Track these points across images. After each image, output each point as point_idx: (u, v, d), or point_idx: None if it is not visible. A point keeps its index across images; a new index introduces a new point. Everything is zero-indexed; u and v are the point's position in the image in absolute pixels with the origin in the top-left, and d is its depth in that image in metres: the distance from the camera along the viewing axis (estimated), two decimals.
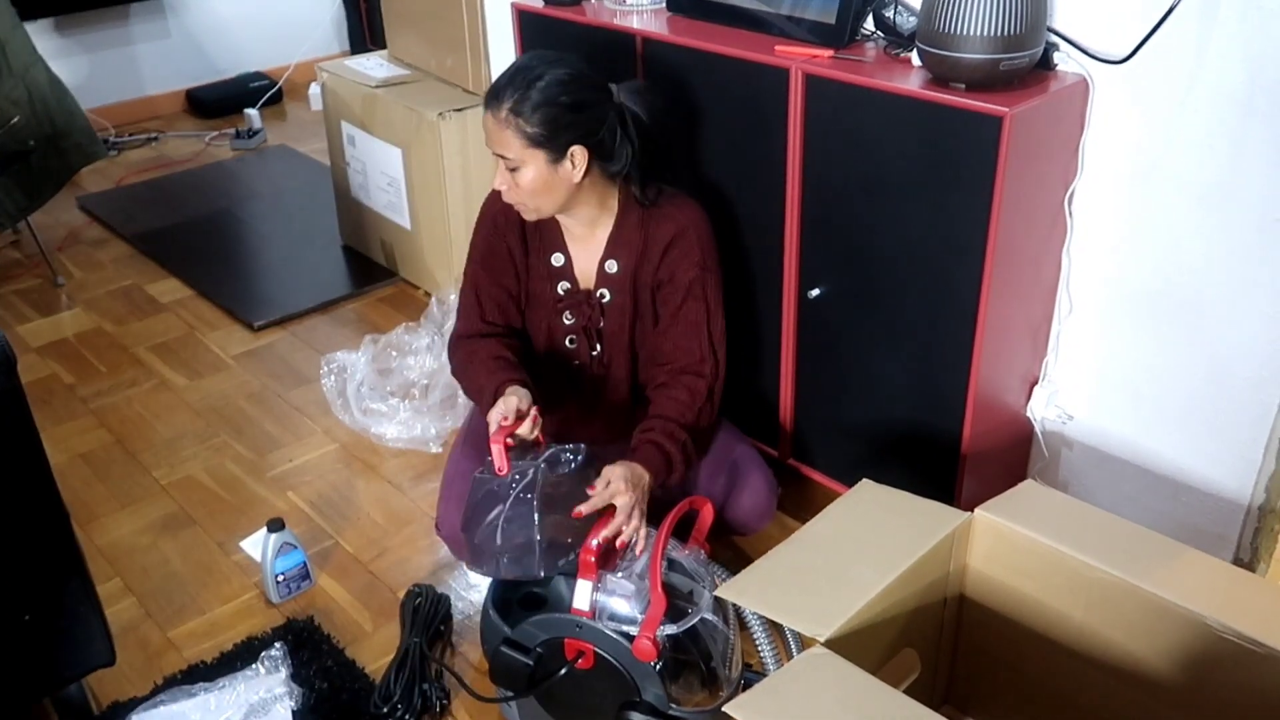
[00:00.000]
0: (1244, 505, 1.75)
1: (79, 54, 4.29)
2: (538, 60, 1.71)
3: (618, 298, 1.86)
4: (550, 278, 1.87)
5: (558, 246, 1.86)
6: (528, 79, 1.67)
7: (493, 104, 1.69)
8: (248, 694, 1.67)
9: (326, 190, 3.43)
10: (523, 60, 1.73)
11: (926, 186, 1.68)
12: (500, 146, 1.70)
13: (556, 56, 1.72)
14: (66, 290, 3.18)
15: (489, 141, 1.72)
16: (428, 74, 3.00)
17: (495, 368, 1.79)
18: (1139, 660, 1.41)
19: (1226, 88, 1.54)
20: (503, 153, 1.70)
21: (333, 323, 2.98)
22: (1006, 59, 1.56)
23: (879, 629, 1.38)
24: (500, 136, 1.69)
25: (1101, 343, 1.84)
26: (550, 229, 1.86)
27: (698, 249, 1.82)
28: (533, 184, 1.72)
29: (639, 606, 1.51)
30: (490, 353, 1.82)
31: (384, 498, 2.28)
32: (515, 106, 1.67)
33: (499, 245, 1.88)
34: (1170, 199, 1.66)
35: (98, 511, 2.24)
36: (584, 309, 1.87)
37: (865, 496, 1.57)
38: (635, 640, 1.48)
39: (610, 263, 1.84)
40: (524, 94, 1.67)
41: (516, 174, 1.71)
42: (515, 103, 1.67)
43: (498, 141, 1.70)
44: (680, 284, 1.83)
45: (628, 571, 1.54)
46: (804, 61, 1.77)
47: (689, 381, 1.81)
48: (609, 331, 1.88)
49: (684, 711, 1.54)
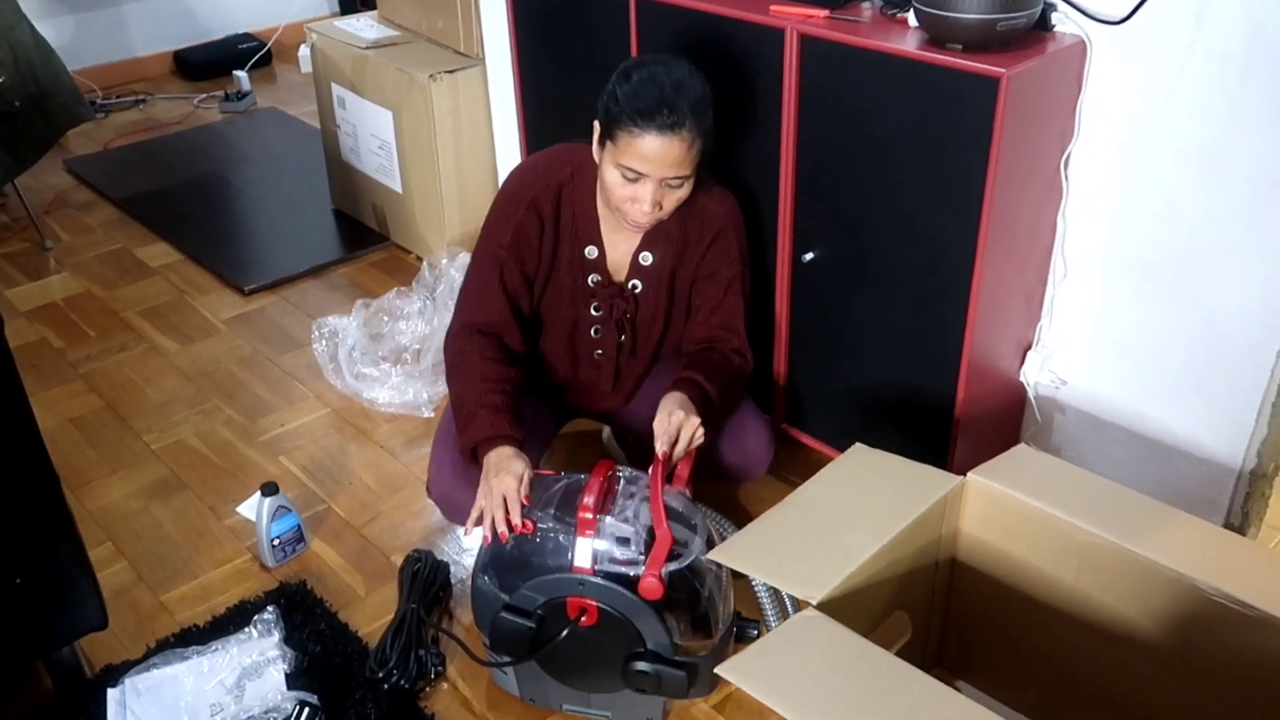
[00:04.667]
0: (1235, 470, 1.76)
1: (64, 14, 4.23)
2: (676, 70, 1.63)
3: (650, 290, 1.85)
4: (581, 270, 1.83)
5: (593, 239, 1.81)
6: (693, 96, 1.61)
7: (673, 129, 1.58)
8: (241, 657, 1.68)
9: (317, 153, 3.40)
10: (660, 71, 1.62)
11: (923, 149, 1.67)
12: (682, 169, 1.63)
13: (677, 59, 1.66)
14: (54, 254, 3.16)
15: (665, 165, 1.61)
16: (418, 35, 2.97)
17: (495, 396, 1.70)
18: (1130, 623, 1.42)
19: (1225, 50, 1.53)
20: (682, 174, 1.64)
21: (324, 287, 2.96)
22: (1004, 19, 1.54)
23: (871, 592, 1.39)
24: (685, 159, 1.62)
25: (1096, 307, 1.83)
26: (587, 220, 1.80)
27: (737, 246, 1.82)
28: (680, 201, 1.68)
29: (638, 547, 1.51)
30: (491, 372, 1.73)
31: (376, 462, 2.27)
32: (699, 128, 1.61)
33: (531, 230, 1.79)
34: (1167, 162, 1.65)
35: (89, 476, 2.23)
36: (617, 301, 1.84)
37: (858, 460, 1.57)
38: (641, 579, 1.48)
39: (645, 255, 1.82)
40: (703, 114, 1.61)
41: (676, 190, 1.66)
42: (699, 123, 1.61)
43: (681, 165, 1.62)
44: (722, 280, 1.83)
45: (621, 514, 1.54)
46: (799, 22, 1.75)
47: (726, 356, 1.83)
48: (640, 322, 1.88)
49: (687, 656, 1.55)
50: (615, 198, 1.68)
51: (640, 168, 1.62)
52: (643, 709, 1.64)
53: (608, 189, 1.68)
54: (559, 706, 1.68)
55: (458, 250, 2.65)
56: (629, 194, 1.66)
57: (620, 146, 1.62)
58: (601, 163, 1.69)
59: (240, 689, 1.64)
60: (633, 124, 1.59)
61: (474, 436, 1.68)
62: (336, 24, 3.11)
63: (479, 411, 1.69)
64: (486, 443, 1.66)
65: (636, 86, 1.61)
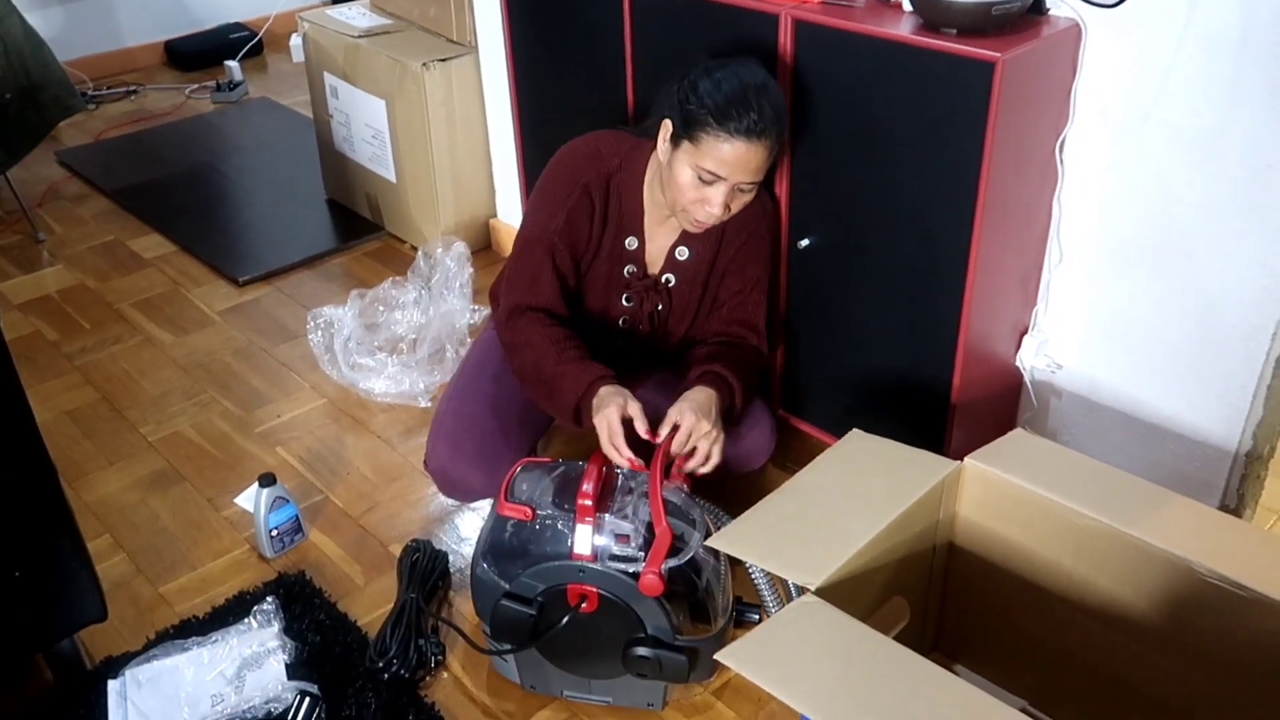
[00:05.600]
0: (1231, 452, 1.76)
1: (54, 4, 4.20)
2: (758, 72, 1.63)
3: (684, 285, 1.85)
4: (619, 260, 1.83)
5: (635, 230, 1.81)
6: (778, 103, 1.61)
7: (760, 135, 1.59)
8: (240, 647, 1.68)
9: (310, 143, 3.38)
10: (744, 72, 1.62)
11: (918, 134, 1.66)
12: (759, 175, 1.64)
13: (752, 60, 1.66)
14: (47, 246, 3.15)
15: (745, 171, 1.62)
16: (411, 24, 2.96)
17: (571, 351, 1.72)
18: (1126, 605, 1.42)
19: (1220, 33, 1.53)
20: (758, 180, 1.65)
21: (318, 277, 2.96)
22: (999, 3, 1.54)
23: (869, 577, 1.39)
24: (764, 166, 1.63)
25: (1091, 291, 1.84)
26: (633, 211, 1.80)
27: (768, 245, 1.84)
28: (748, 201, 1.69)
29: (637, 544, 1.52)
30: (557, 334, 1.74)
31: (373, 452, 2.27)
32: (780, 135, 1.62)
33: (582, 216, 1.78)
34: (1162, 146, 1.65)
35: (86, 469, 2.23)
36: (650, 294, 1.84)
37: (855, 446, 1.57)
38: (641, 576, 1.49)
39: (682, 249, 1.82)
40: (784, 122, 1.62)
41: (746, 196, 1.67)
42: (780, 131, 1.61)
43: (760, 171, 1.63)
44: (750, 276, 1.84)
45: (620, 511, 1.55)
46: (794, 7, 1.74)
47: (747, 352, 1.84)
48: (670, 316, 1.88)
49: (687, 640, 1.56)
50: (685, 198, 1.67)
51: (720, 171, 1.61)
52: (643, 694, 1.65)
53: (678, 188, 1.67)
54: (560, 693, 1.69)
55: (452, 239, 2.64)
56: (699, 196, 1.65)
57: (702, 149, 1.61)
58: (674, 161, 1.67)
59: (240, 679, 1.65)
60: (719, 126, 1.58)
61: (570, 396, 1.69)
62: (328, 13, 3.10)
63: (563, 371, 1.69)
64: (586, 395, 1.67)
65: (722, 86, 1.60)
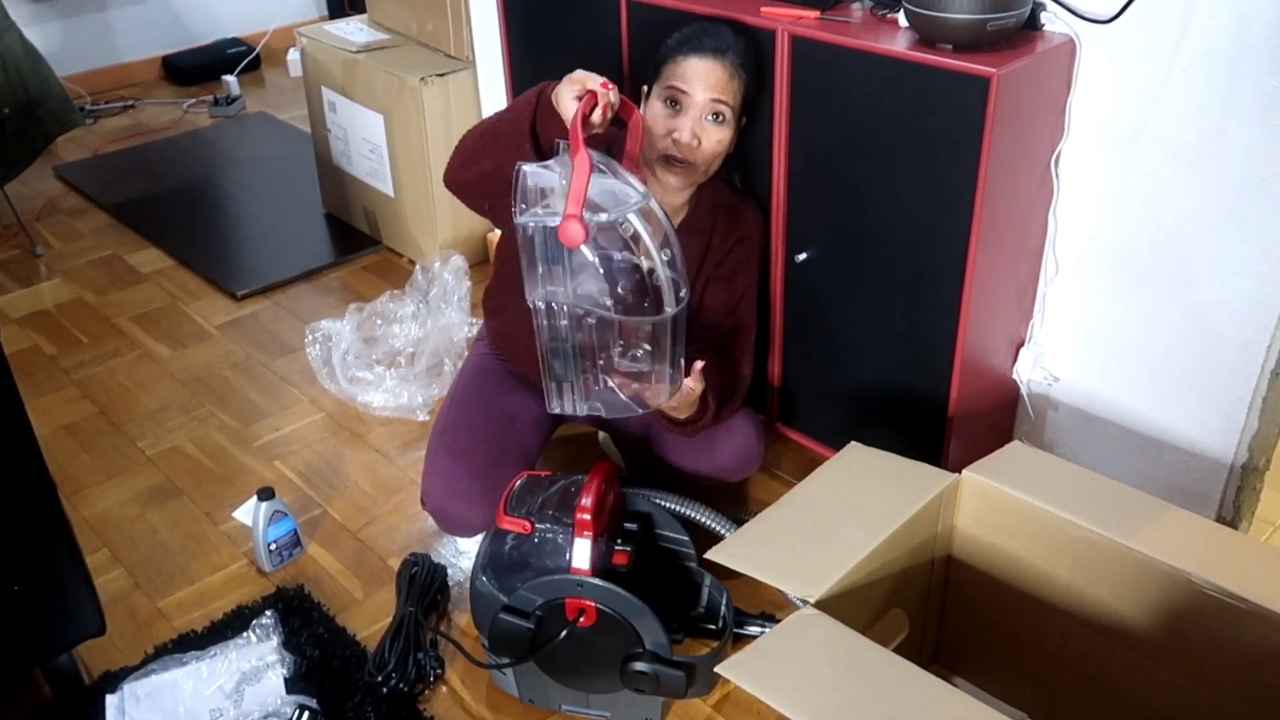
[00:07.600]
0: (1227, 464, 1.77)
1: (53, 20, 4.22)
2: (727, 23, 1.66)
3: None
4: None
5: None
6: (739, 36, 1.62)
7: (718, 53, 1.63)
8: (239, 662, 1.68)
9: (307, 157, 3.39)
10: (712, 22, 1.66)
11: (914, 148, 1.67)
12: (724, 93, 1.65)
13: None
14: (45, 260, 3.15)
15: (708, 87, 1.64)
16: (409, 39, 2.97)
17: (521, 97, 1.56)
18: (1124, 617, 1.43)
19: (1213, 47, 1.54)
20: (723, 100, 1.65)
21: (316, 291, 2.96)
22: (994, 19, 1.55)
23: (868, 590, 1.40)
24: (729, 86, 1.65)
25: (1087, 304, 1.85)
26: None
27: (757, 257, 1.85)
28: (717, 148, 1.69)
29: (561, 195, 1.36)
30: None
31: (371, 466, 2.27)
32: (743, 62, 1.61)
33: None
34: (1157, 159, 1.66)
35: (84, 483, 2.23)
36: None
37: (854, 459, 1.58)
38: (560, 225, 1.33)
39: None
40: (749, 54, 1.61)
41: (716, 128, 1.67)
42: (743, 58, 1.60)
43: (724, 89, 1.64)
44: (737, 287, 1.85)
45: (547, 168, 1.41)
46: (790, 23, 1.76)
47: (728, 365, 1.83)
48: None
49: (685, 657, 1.56)
50: (657, 137, 1.68)
51: (683, 85, 1.65)
52: (641, 709, 1.65)
53: (651, 134, 1.68)
54: (558, 707, 1.69)
55: (450, 253, 2.65)
56: (670, 127, 1.67)
57: (665, 74, 1.67)
58: (648, 108, 1.70)
59: (239, 694, 1.64)
60: (680, 50, 1.65)
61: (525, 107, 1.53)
62: (326, 28, 3.11)
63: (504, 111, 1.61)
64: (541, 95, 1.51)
65: (686, 29, 1.67)
